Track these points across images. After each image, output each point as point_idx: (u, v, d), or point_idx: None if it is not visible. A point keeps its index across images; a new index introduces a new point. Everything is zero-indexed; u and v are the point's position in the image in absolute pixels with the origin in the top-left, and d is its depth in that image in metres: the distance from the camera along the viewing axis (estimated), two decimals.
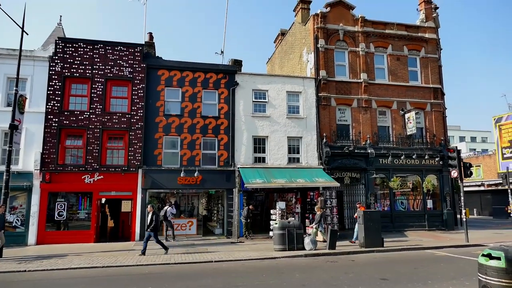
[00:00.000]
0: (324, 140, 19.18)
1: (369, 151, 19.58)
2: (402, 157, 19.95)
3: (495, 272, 5.20)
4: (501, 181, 28.54)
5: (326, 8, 20.98)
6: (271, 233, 15.64)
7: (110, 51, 17.85)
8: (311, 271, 10.06)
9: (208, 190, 19.35)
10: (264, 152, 18.96)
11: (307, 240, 13.52)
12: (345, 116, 20.40)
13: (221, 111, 18.63)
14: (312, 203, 17.74)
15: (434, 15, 22.82)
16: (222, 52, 22.79)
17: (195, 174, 17.21)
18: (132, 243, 16.08)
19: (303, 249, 13.33)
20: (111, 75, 17.68)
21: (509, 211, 22.87)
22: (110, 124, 17.28)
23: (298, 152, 19.36)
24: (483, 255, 5.50)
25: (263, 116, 19.07)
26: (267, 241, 15.96)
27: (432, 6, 22.97)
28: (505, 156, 33.97)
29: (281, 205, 17.50)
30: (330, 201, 17.32)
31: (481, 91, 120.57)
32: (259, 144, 18.99)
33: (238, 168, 17.91)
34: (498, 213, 30.51)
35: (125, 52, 17.99)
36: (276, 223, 13.95)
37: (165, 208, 16.70)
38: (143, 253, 12.67)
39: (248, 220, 17.26)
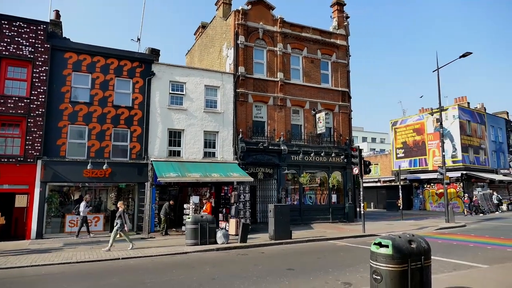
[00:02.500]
0: (240, 136, 19.51)
1: (282, 147, 20.44)
2: (312, 154, 21.23)
3: (384, 258, 5.78)
4: (394, 178, 32.04)
5: (248, 6, 21.26)
6: (183, 228, 15.44)
7: (7, 26, 15.80)
8: (222, 265, 10.20)
9: (118, 184, 18.34)
10: (179, 145, 18.60)
11: (219, 234, 13.65)
12: (261, 113, 20.98)
13: (135, 101, 17.77)
14: (226, 197, 17.96)
15: (345, 23, 24.61)
16: (138, 39, 21.71)
17: (104, 167, 16.20)
18: (27, 241, 14.53)
19: (216, 243, 13.44)
20: (7, 53, 15.67)
21: (399, 204, 25.77)
22: (3, 108, 15.33)
23: (214, 147, 19.38)
24: (374, 243, 6.06)
25: (180, 109, 18.66)
26: (180, 236, 15.75)
27: (344, 15, 24.73)
28: (398, 156, 38.27)
29: (195, 199, 17.40)
30: (243, 195, 17.68)
31: (381, 96, 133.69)
32: (174, 137, 18.56)
33: (151, 161, 17.30)
34: (390, 206, 34.24)
35: (25, 29, 16.08)
36: (189, 218, 13.82)
37: (82, 203, 15.59)
38: None
39: (168, 216, 16.79)
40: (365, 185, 22.53)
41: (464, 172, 31.10)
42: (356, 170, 17.47)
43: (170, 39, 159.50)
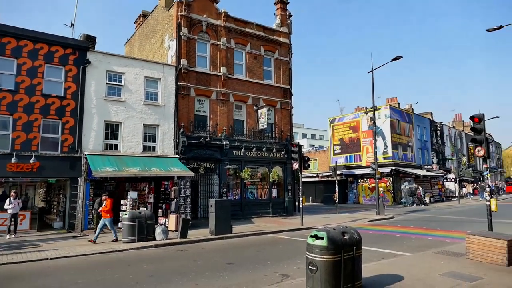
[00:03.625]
0: (182, 130, 19.12)
1: (224, 142, 20.40)
2: (253, 150, 21.47)
3: (319, 250, 6.05)
4: (331, 173, 33.46)
5: None
6: (120, 225, 14.82)
7: None
8: (160, 261, 9.97)
9: (48, 179, 17.12)
10: (117, 139, 17.75)
11: (158, 230, 13.31)
12: (204, 107, 20.74)
13: (68, 91, 16.60)
14: (166, 192, 17.55)
15: (288, 22, 25.11)
16: (72, 24, 20.35)
17: (31, 161, 14.96)
18: None
19: (154, 239, 13.08)
20: None
21: (335, 198, 27.04)
22: None
23: (154, 141, 18.79)
24: (311, 236, 6.31)
25: (117, 100, 17.79)
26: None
27: (287, 13, 25.23)
28: (335, 152, 40.07)
29: (132, 195, 16.76)
30: (184, 190, 17.39)
31: (322, 95, 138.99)
32: (111, 130, 17.66)
33: (85, 155, 16.32)
34: (327, 200, 35.76)
35: None
36: (126, 214, 13.30)
37: (7, 200, 14.31)
38: None
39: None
40: (304, 180, 23.28)
41: (394, 167, 33.43)
42: (295, 166, 17.99)
43: (108, 27, 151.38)
